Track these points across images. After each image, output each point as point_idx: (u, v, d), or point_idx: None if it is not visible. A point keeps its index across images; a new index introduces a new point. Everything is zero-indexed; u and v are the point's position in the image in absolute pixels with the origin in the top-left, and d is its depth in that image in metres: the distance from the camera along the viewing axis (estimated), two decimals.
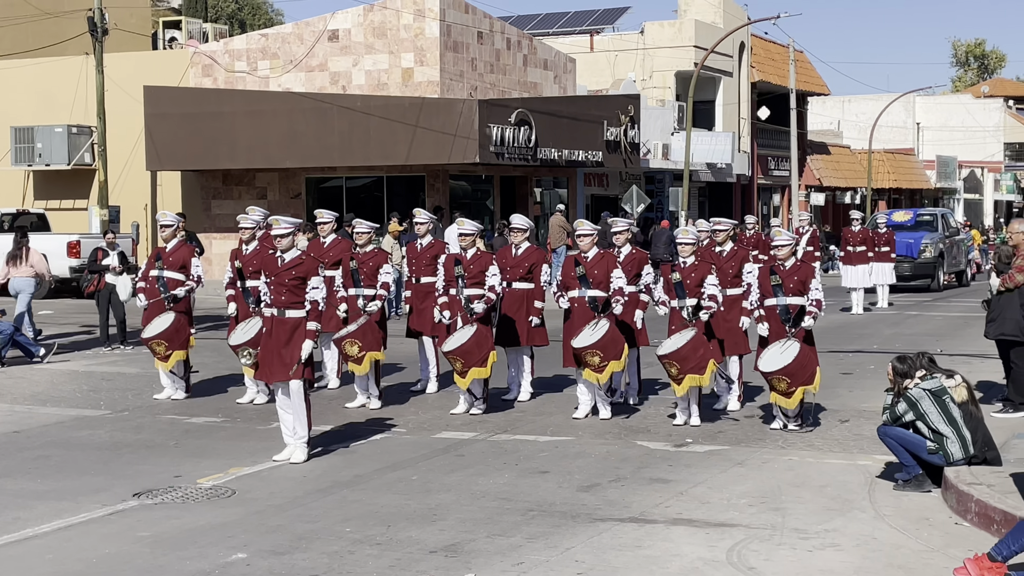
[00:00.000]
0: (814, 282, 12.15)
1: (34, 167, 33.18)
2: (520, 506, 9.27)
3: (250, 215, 14.51)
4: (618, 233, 13.93)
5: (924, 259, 31.73)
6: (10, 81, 33.61)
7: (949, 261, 33.31)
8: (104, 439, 12.18)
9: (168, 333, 14.10)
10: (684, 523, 8.75)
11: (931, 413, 9.68)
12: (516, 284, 13.85)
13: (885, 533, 8.53)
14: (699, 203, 44.47)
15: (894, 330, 22.04)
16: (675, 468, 10.58)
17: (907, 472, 9.77)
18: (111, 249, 19.20)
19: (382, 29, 30.76)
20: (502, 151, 28.70)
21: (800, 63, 51.58)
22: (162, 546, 8.24)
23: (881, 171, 61.50)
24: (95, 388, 15.43)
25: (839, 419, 12.86)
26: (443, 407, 13.64)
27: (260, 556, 7.98)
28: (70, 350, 18.95)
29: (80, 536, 8.56)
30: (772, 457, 11.06)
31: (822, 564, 7.79)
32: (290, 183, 31.47)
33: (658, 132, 39.86)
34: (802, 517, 8.93)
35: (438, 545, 8.20)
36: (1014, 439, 10.71)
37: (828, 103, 69.70)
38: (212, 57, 32.35)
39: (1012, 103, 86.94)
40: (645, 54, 43.84)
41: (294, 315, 11.00)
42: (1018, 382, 12.61)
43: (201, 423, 13.02)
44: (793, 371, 11.74)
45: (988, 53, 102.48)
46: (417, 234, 14.90)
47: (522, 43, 34.41)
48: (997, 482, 9.16)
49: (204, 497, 9.68)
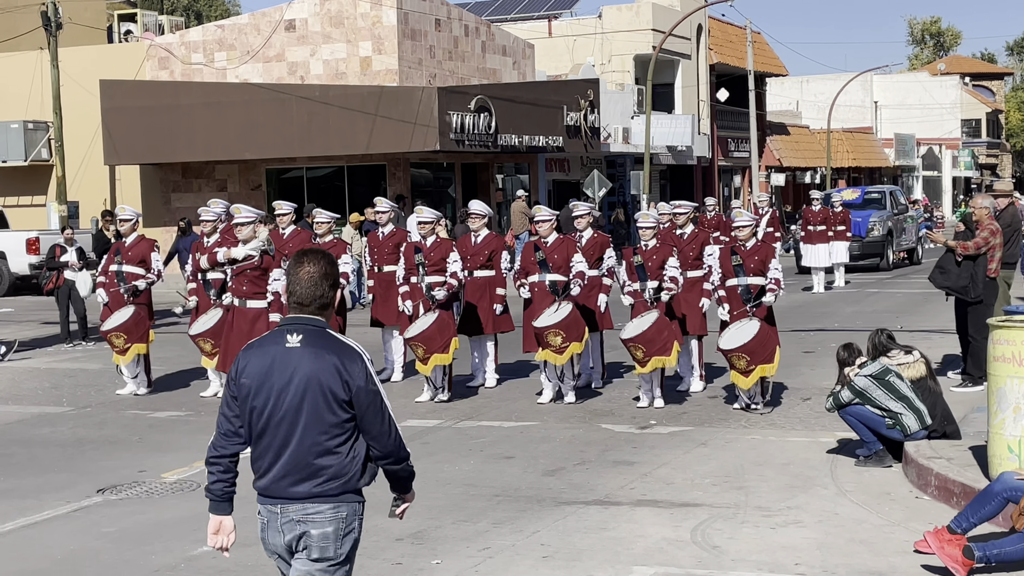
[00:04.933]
0: (774, 262, 12.23)
1: None
2: (486, 492, 9.31)
3: (211, 208, 14.44)
4: (579, 217, 13.92)
5: (872, 238, 31.35)
6: None
7: (898, 239, 32.99)
8: (67, 436, 12.13)
9: (127, 326, 14.01)
10: (648, 504, 8.80)
11: (879, 397, 9.77)
12: (477, 272, 13.86)
13: (847, 509, 8.61)
14: (660, 186, 44.57)
15: (855, 308, 22.19)
16: (639, 450, 10.64)
17: (868, 448, 9.87)
18: (69, 245, 19.08)
19: (339, 18, 30.63)
20: (462, 138, 28.67)
21: (758, 44, 51.75)
22: (127, 541, 8.23)
23: (840, 150, 61.81)
24: (57, 385, 15.34)
25: (801, 397, 12.96)
26: (408, 395, 13.65)
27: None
28: (31, 347, 18.83)
29: (44, 534, 8.52)
30: (735, 437, 11.13)
31: (785, 541, 7.86)
32: (250, 175, 31.31)
33: (618, 116, 39.91)
34: (765, 495, 9.00)
35: (404, 532, 8.19)
36: (973, 413, 10.81)
37: (786, 84, 70.04)
38: (168, 50, 32.12)
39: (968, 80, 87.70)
40: (603, 38, 43.85)
41: (255, 305, 10.99)
42: (976, 356, 12.73)
43: (164, 417, 12.97)
44: (753, 349, 11.81)
45: (944, 31, 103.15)
46: (378, 223, 14.88)
47: (480, 29, 34.35)
48: (956, 455, 9.26)
49: (169, 491, 9.67)
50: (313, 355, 4.98)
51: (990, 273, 13.16)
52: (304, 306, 5.08)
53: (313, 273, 5.07)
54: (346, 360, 4.99)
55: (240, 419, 5.11)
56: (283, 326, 5.09)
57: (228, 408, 5.13)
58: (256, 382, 5.03)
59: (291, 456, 5.01)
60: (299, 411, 4.97)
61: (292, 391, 4.97)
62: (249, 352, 5.13)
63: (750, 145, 49.35)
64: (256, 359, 5.07)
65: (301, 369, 4.97)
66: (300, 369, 4.97)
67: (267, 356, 5.04)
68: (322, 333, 5.05)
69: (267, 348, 5.06)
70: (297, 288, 5.08)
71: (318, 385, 4.95)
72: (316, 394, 4.96)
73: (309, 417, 4.97)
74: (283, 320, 5.18)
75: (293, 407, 4.97)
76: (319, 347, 5.00)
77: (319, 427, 4.97)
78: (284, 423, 5.00)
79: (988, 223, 13.33)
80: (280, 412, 4.99)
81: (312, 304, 5.07)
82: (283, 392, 4.98)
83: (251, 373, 5.05)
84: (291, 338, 5.01)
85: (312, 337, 5.02)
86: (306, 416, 4.97)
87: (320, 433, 4.97)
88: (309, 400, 4.97)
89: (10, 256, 28.67)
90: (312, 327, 5.05)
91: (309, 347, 4.99)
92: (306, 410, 4.97)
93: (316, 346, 5.00)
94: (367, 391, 4.99)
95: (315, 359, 4.97)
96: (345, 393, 4.95)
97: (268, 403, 5.00)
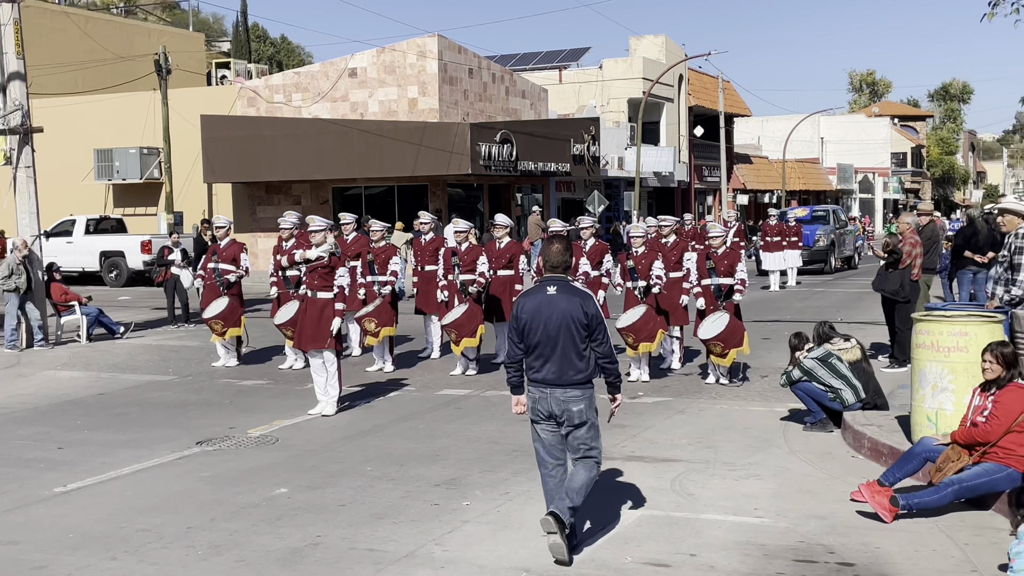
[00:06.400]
0: (740, 265, 12.19)
1: (113, 181, 33.04)
2: (506, 448, 9.30)
3: (288, 218, 14.48)
4: (584, 228, 14.01)
5: (818, 247, 31.31)
6: (93, 112, 33.43)
7: (840, 248, 32.88)
8: (172, 399, 12.19)
9: (223, 314, 14.10)
10: (636, 459, 8.78)
11: (823, 375, 9.75)
12: (500, 272, 13.85)
13: (796, 465, 8.58)
14: (648, 204, 44.47)
15: (804, 303, 22.10)
16: (629, 416, 10.61)
17: (813, 417, 9.83)
18: (175, 247, 19.14)
19: (392, 67, 30.63)
20: (489, 164, 28.65)
21: (727, 91, 51.55)
22: (220, 483, 8.26)
23: (793, 176, 61.57)
24: (164, 358, 15.42)
25: (760, 375, 12.92)
26: (444, 370, 13.66)
27: (298, 491, 7.99)
28: (144, 328, 18.91)
29: (154, 476, 8.57)
30: (707, 406, 11.10)
31: (746, 490, 7.83)
32: (319, 192, 31.37)
33: (614, 147, 39.82)
34: (730, 453, 8.97)
35: (441, 480, 8.21)
36: (898, 389, 10.77)
37: (750, 122, 69.72)
38: (255, 91, 32.18)
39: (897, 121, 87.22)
40: (603, 85, 43.76)
41: (324, 296, 11.01)
42: (902, 343, 12.69)
43: (250, 385, 13.02)
44: (725, 337, 11.80)
45: (878, 81, 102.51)
46: (421, 231, 14.91)
47: (504, 77, 34.30)
48: (885, 423, 9.23)
49: (253, 444, 9.69)
50: (565, 298, 6.31)
51: (913, 277, 13.12)
52: (555, 268, 6.45)
53: (560, 248, 6.47)
54: (584, 300, 6.32)
55: (521, 340, 6.38)
56: (543, 281, 6.44)
57: (513, 334, 6.43)
58: (530, 316, 6.34)
59: (555, 361, 6.30)
60: (559, 333, 6.28)
61: (555, 321, 6.28)
62: (524, 298, 6.43)
63: (720, 172, 49.15)
64: (529, 302, 6.38)
65: (558, 307, 6.29)
66: (558, 307, 6.29)
67: (536, 300, 6.36)
68: (568, 285, 6.40)
69: (536, 295, 6.39)
70: (550, 258, 6.45)
71: (570, 317, 6.27)
72: (568, 322, 6.28)
73: (565, 337, 6.28)
74: (543, 278, 6.47)
75: (555, 331, 6.28)
76: (568, 293, 6.34)
77: (571, 342, 6.28)
78: (550, 341, 6.29)
79: (910, 236, 13.28)
80: (548, 334, 6.29)
81: (559, 267, 6.45)
82: (548, 322, 6.29)
83: (527, 311, 6.36)
84: (550, 289, 6.35)
85: (563, 287, 6.37)
86: (563, 336, 6.28)
87: (572, 346, 6.28)
88: (564, 326, 6.28)
89: (128, 255, 28.84)
90: (561, 281, 6.40)
91: (562, 293, 6.33)
92: (563, 332, 6.28)
93: (566, 292, 6.34)
94: (596, 317, 6.30)
95: (566, 300, 6.30)
96: (585, 319, 6.27)
97: (539, 329, 6.30)
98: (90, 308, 17.60)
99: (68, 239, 29.33)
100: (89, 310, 17.50)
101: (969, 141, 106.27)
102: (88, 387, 13.11)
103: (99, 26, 42.40)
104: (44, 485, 8.30)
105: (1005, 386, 7.04)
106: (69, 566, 6.39)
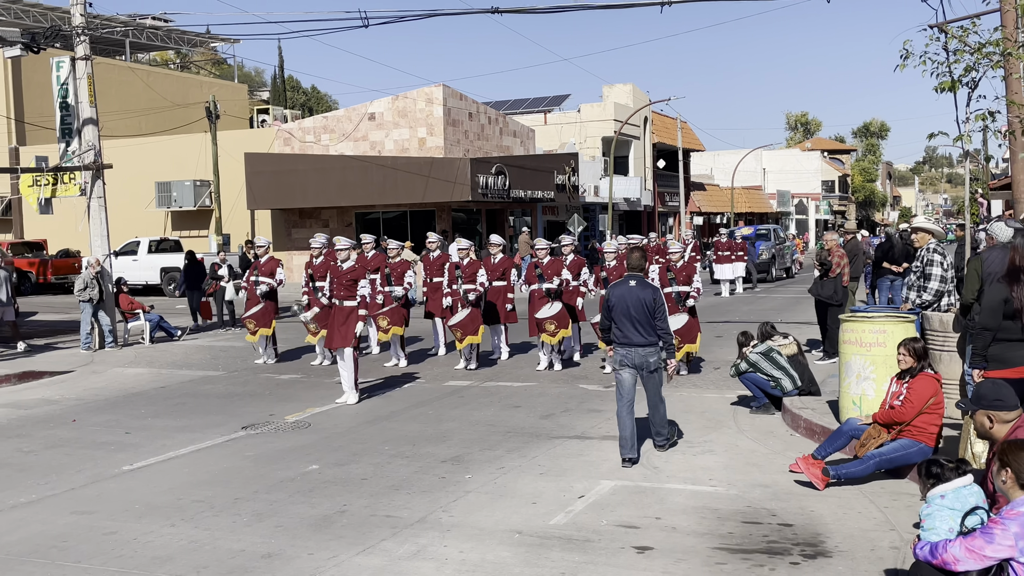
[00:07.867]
0: (696, 276, 12.20)
1: (171, 209, 32.96)
2: (502, 429, 9.29)
3: (318, 239, 14.45)
4: (565, 246, 13.94)
5: (762, 260, 31.30)
6: (154, 151, 33.38)
7: (779, 261, 32.89)
8: (221, 391, 12.17)
9: (257, 315, 14.08)
10: (611, 439, 8.76)
11: (766, 367, 9.75)
12: (495, 283, 13.85)
13: (744, 442, 8.58)
14: (619, 224, 44.47)
15: (749, 307, 22.12)
16: (605, 402, 10.61)
17: (758, 402, 9.83)
18: (223, 263, 19.11)
19: (404, 112, 30.63)
20: (486, 192, 28.64)
21: (685, 130, 51.63)
22: (262, 461, 8.24)
23: (740, 201, 61.64)
24: (215, 357, 15.38)
25: (713, 367, 12.91)
26: (449, 365, 13.65)
27: (328, 467, 7.98)
28: (197, 331, 18.86)
29: (206, 456, 8.55)
30: (669, 393, 11.01)
31: (702, 463, 7.83)
32: (344, 216, 31.33)
33: (591, 178, 39.82)
34: (689, 433, 8.96)
35: (447, 456, 8.21)
36: (829, 378, 10.76)
37: (704, 156, 69.86)
38: (290, 132, 32.16)
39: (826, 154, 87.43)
40: (581, 125, 43.79)
41: (348, 304, 10.99)
42: (832, 339, 12.69)
43: (287, 379, 12.99)
44: (682, 333, 11.79)
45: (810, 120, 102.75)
46: (430, 249, 14.90)
47: (498, 119, 34.31)
48: (818, 407, 9.23)
49: (289, 428, 9.67)
50: (640, 289, 7.79)
51: (844, 283, 13.10)
52: (634, 269, 7.96)
53: (638, 256, 8.02)
54: (652, 290, 7.80)
55: (610, 314, 7.83)
56: (626, 277, 7.90)
57: (604, 311, 7.92)
58: (616, 299, 7.80)
59: (633, 329, 7.74)
60: (636, 311, 7.72)
61: (632, 303, 7.74)
62: (613, 288, 7.87)
63: (679, 197, 49.21)
64: (616, 290, 7.84)
65: (635, 294, 7.76)
66: (635, 294, 7.76)
67: (621, 289, 7.81)
68: (642, 280, 7.86)
69: (621, 286, 7.84)
70: (632, 262, 7.97)
71: (642, 301, 7.74)
72: (641, 304, 7.73)
73: (639, 314, 7.73)
74: (626, 275, 7.92)
75: (633, 309, 7.73)
76: (642, 286, 7.82)
77: (645, 317, 7.73)
78: (630, 317, 7.74)
79: (836, 250, 13.29)
80: (628, 311, 7.74)
81: (637, 268, 7.96)
82: (628, 303, 7.74)
83: (614, 296, 7.80)
84: (631, 282, 7.83)
85: (639, 281, 7.85)
86: (638, 314, 7.73)
87: (646, 319, 7.73)
88: (639, 307, 7.73)
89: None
90: (638, 278, 7.89)
91: (639, 285, 7.81)
92: (637, 311, 7.73)
93: (641, 285, 7.82)
94: (658, 302, 7.76)
95: (641, 290, 7.78)
96: (652, 304, 7.74)
97: (623, 308, 7.75)
98: (152, 315, 17.56)
99: (134, 257, 29.29)
100: (151, 317, 17.46)
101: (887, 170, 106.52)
102: (151, 381, 13.08)
103: (159, 79, 42.39)
104: (114, 464, 8.29)
105: (917, 375, 7.06)
106: (135, 531, 6.37)
